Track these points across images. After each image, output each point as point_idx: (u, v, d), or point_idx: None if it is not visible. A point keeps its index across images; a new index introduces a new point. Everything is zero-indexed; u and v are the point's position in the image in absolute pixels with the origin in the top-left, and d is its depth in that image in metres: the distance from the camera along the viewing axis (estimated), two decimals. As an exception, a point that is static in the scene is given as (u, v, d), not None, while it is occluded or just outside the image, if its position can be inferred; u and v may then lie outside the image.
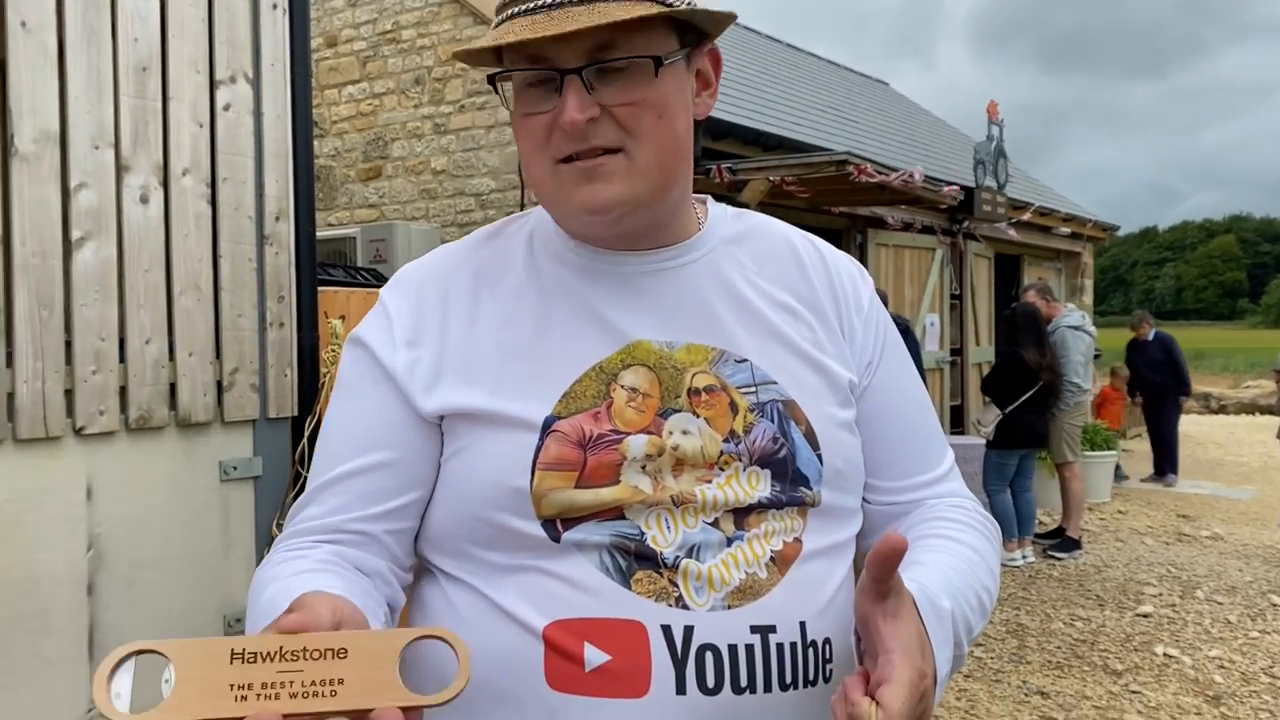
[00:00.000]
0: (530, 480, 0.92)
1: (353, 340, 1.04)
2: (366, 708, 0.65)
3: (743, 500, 0.95)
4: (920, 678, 0.80)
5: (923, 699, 0.80)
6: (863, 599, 0.83)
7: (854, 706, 0.78)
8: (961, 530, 1.05)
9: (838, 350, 1.05)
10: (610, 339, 0.98)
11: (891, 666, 0.79)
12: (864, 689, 0.80)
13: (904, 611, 0.83)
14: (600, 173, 0.92)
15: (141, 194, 3.55)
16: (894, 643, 0.80)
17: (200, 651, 0.65)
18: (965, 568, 0.99)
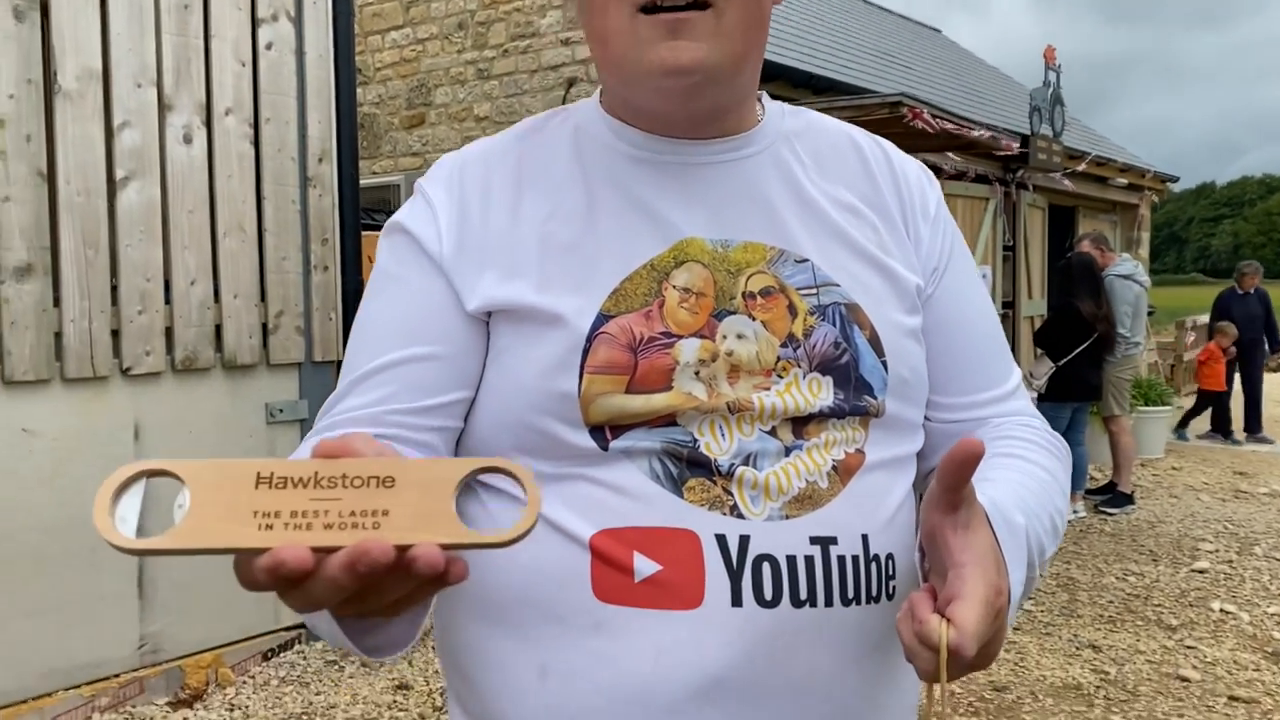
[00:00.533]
0: (578, 384, 0.86)
1: (393, 228, 0.96)
2: (415, 543, 0.53)
3: (803, 408, 0.88)
4: (996, 594, 0.73)
5: (997, 617, 0.73)
6: (931, 511, 0.75)
7: (922, 624, 0.71)
8: (1031, 449, 0.97)
9: (903, 254, 0.97)
10: (662, 235, 0.91)
11: (963, 581, 0.72)
12: (932, 605, 0.73)
13: (976, 524, 0.75)
14: (685, 28, 0.85)
15: (184, 133, 3.52)
16: (966, 555, 0.73)
17: (220, 474, 0.55)
18: (1037, 486, 0.92)
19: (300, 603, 0.57)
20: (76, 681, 3.28)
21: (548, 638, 0.87)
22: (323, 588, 0.55)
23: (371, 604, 0.58)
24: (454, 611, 0.93)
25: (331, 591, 0.55)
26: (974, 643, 0.70)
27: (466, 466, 0.57)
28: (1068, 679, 3.90)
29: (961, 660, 0.71)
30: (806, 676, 0.86)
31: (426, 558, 0.54)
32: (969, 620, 0.70)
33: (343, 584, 0.54)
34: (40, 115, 3.18)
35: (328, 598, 0.56)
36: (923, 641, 0.72)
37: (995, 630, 0.74)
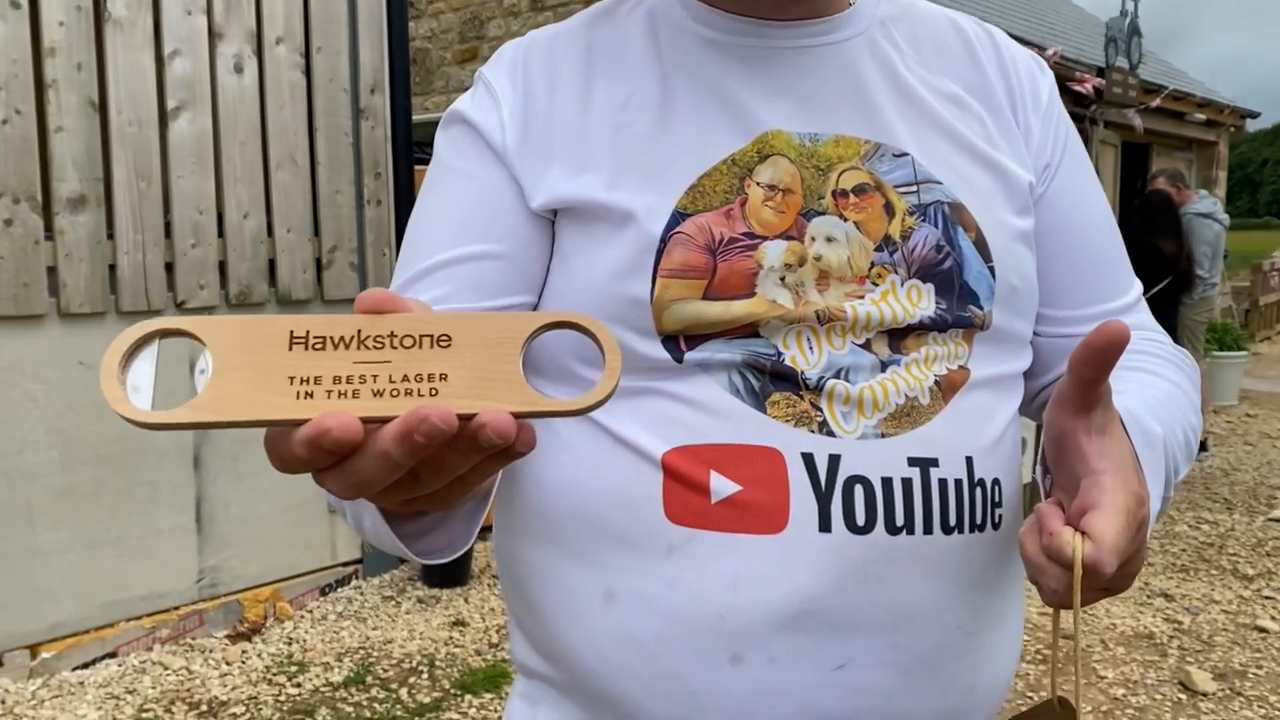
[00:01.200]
0: (651, 289, 0.77)
1: (453, 117, 0.87)
2: (479, 411, 0.45)
3: (901, 319, 0.79)
4: (1138, 504, 0.64)
5: (1139, 531, 0.64)
6: (1060, 413, 0.66)
7: (1053, 537, 0.63)
8: (1158, 363, 0.87)
9: (1013, 148, 0.87)
10: (744, 128, 0.81)
11: (1101, 489, 0.63)
12: (1063, 517, 0.64)
13: (1113, 428, 0.66)
14: None
15: (235, 62, 3.45)
16: (1104, 462, 0.64)
17: (248, 333, 0.46)
18: (1167, 400, 0.82)
19: (345, 484, 0.47)
20: (137, 613, 3.31)
21: (614, 561, 0.79)
22: (373, 464, 0.45)
23: (426, 484, 0.49)
24: (514, 534, 0.86)
25: (383, 468, 0.46)
26: (1114, 557, 0.61)
27: (533, 321, 0.49)
28: (1139, 627, 3.78)
29: (1098, 578, 0.61)
30: (901, 609, 0.77)
31: (496, 424, 0.45)
32: (1108, 531, 0.61)
33: (396, 459, 0.45)
34: (90, 44, 3.13)
35: (378, 476, 0.46)
36: (1053, 556, 0.63)
37: (1136, 547, 0.64)
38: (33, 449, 3.09)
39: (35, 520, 3.10)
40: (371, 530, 0.70)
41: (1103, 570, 0.61)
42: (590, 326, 0.49)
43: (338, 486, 0.48)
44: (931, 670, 0.80)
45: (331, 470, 0.47)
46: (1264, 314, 12.27)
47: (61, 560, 3.15)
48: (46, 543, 3.12)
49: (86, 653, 3.19)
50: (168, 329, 0.47)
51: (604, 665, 0.80)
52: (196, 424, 0.45)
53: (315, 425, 0.44)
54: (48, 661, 3.12)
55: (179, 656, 3.29)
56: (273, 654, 3.36)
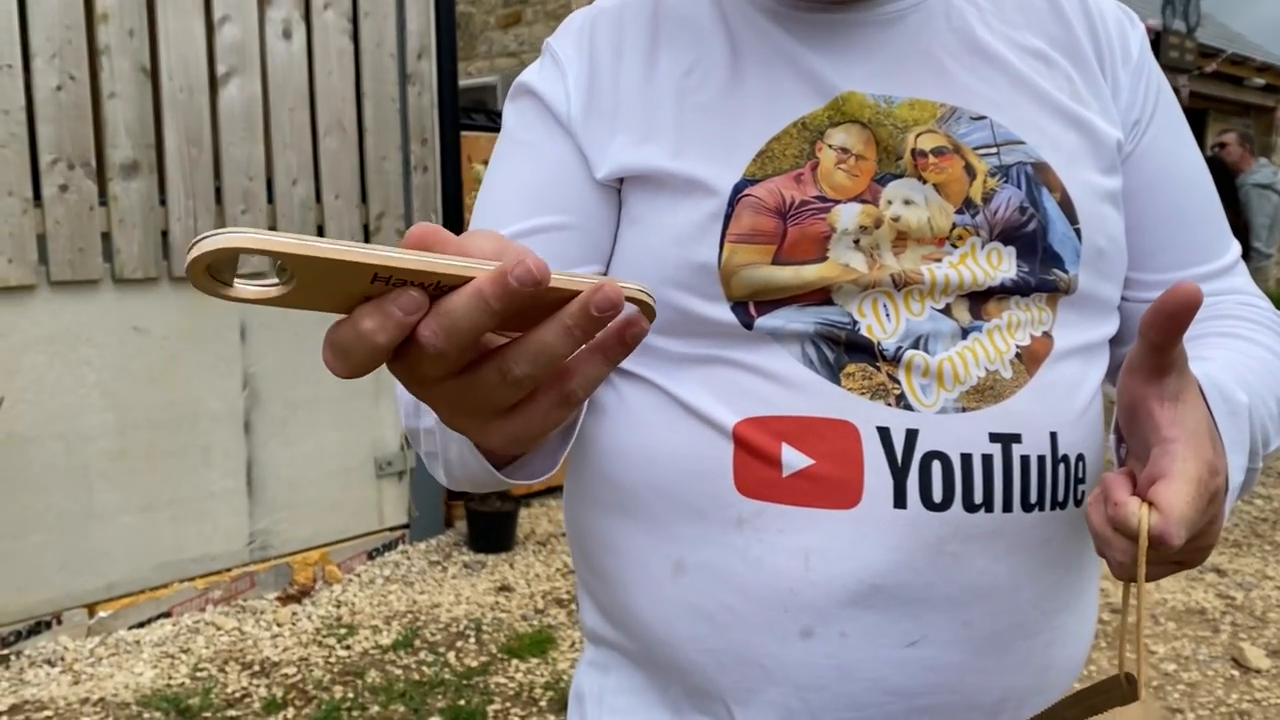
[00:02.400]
0: (719, 254, 0.76)
1: (520, 89, 0.87)
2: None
3: (982, 282, 0.77)
4: (1211, 474, 0.61)
5: (1212, 502, 0.61)
6: (1132, 379, 0.64)
7: (1119, 507, 0.60)
8: (1253, 329, 0.84)
9: (1101, 104, 0.84)
10: (815, 92, 0.79)
11: (1171, 458, 0.60)
12: (1131, 488, 0.62)
13: (1188, 394, 0.63)
14: None
15: (284, 28, 3.45)
16: (1175, 430, 0.61)
17: (331, 264, 0.41)
18: (1260, 368, 0.79)
19: (439, 337, 0.42)
20: (190, 574, 3.37)
21: (684, 532, 0.79)
22: (466, 311, 0.41)
23: (521, 376, 0.44)
24: (584, 502, 0.86)
25: (477, 314, 0.41)
26: (1182, 529, 0.58)
27: (582, 284, 0.45)
28: (1190, 603, 3.72)
29: (1166, 551, 0.59)
30: (976, 587, 0.76)
31: (605, 291, 0.42)
32: (1176, 502, 0.58)
33: (490, 301, 0.41)
34: (142, 9, 3.14)
35: (470, 328, 0.41)
36: (1118, 528, 0.60)
37: (1209, 519, 0.61)
38: (89, 412, 3.13)
39: (92, 482, 3.15)
40: (458, 458, 0.70)
41: (1170, 542, 0.58)
42: (639, 296, 0.46)
43: (424, 358, 0.43)
44: (1005, 648, 0.78)
45: (423, 330, 0.42)
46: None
47: (117, 522, 3.21)
48: (102, 504, 3.18)
49: (142, 612, 3.26)
50: (252, 248, 0.41)
51: (673, 636, 0.80)
52: (280, 301, 0.42)
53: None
54: (105, 620, 3.18)
55: (231, 617, 3.34)
56: (322, 616, 3.41)
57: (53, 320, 3.05)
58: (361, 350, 0.42)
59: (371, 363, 0.43)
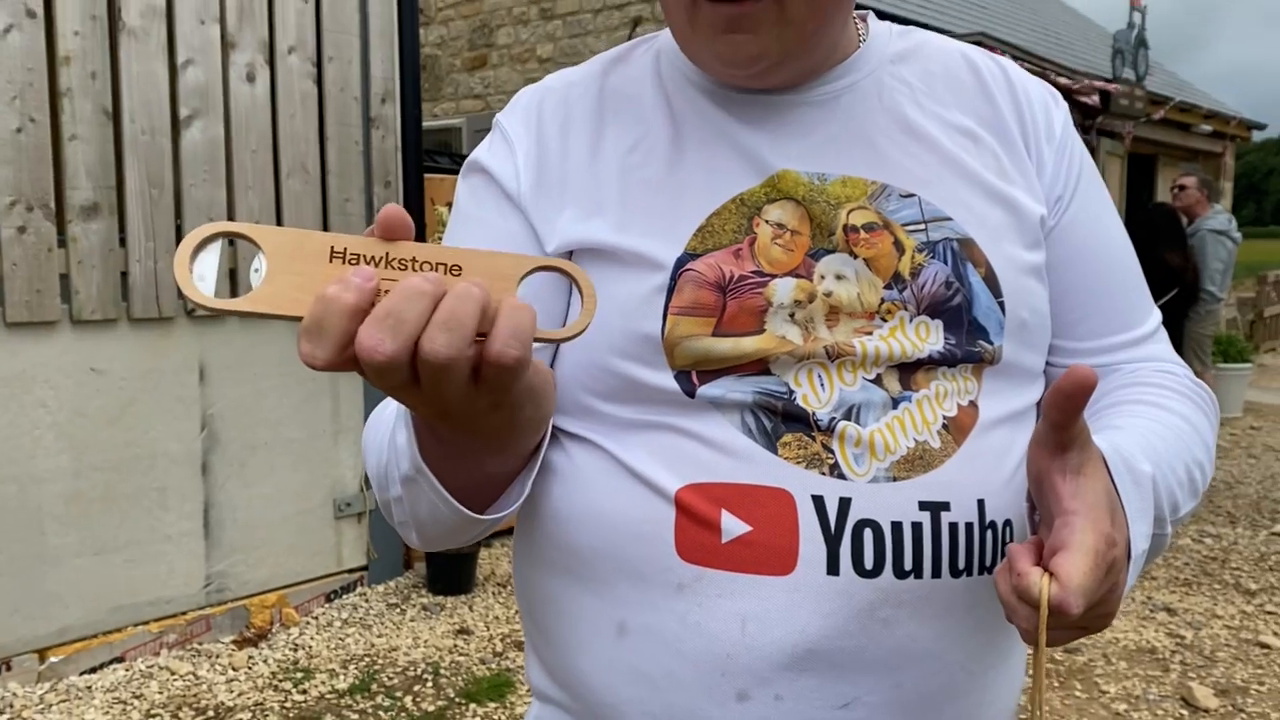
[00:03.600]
0: (662, 325, 0.79)
1: (471, 167, 0.90)
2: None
3: (910, 354, 0.80)
4: (1108, 545, 0.65)
5: (1110, 572, 0.65)
6: (1038, 453, 0.68)
7: (1021, 577, 0.64)
8: (1168, 396, 0.87)
9: (1026, 181, 0.87)
10: (753, 169, 0.83)
11: (1071, 530, 0.64)
12: (1035, 558, 0.65)
13: (1089, 469, 0.67)
14: (744, 21, 0.78)
15: (248, 72, 3.48)
16: (1075, 503, 0.65)
17: (295, 243, 0.55)
18: (1172, 436, 0.82)
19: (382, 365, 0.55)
20: (144, 618, 3.33)
21: (627, 595, 0.81)
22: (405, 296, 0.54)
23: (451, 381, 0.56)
24: (532, 562, 0.88)
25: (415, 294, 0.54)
26: (1079, 598, 0.62)
27: (527, 263, 0.61)
28: (1142, 642, 3.79)
29: (1067, 619, 0.63)
30: (906, 651, 0.79)
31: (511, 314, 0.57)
32: (1074, 573, 0.62)
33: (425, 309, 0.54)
34: (105, 52, 3.15)
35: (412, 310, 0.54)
36: (1021, 596, 0.64)
37: (1108, 588, 0.65)
38: (43, 454, 3.11)
39: (45, 525, 3.12)
40: (429, 512, 0.75)
41: (1069, 611, 0.62)
42: (573, 272, 0.62)
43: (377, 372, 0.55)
44: (936, 709, 0.81)
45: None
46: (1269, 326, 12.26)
47: (70, 565, 3.17)
48: (56, 547, 3.14)
49: (94, 657, 3.21)
50: (231, 231, 0.56)
51: (616, 698, 0.82)
52: (251, 312, 0.54)
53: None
54: (56, 666, 3.14)
55: (185, 662, 3.31)
56: (279, 660, 3.38)
57: (8, 361, 3.03)
58: (332, 318, 0.53)
59: (343, 336, 0.53)
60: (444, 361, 0.54)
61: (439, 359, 0.54)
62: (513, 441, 0.72)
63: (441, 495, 0.72)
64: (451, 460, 0.72)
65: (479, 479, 0.75)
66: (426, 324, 0.54)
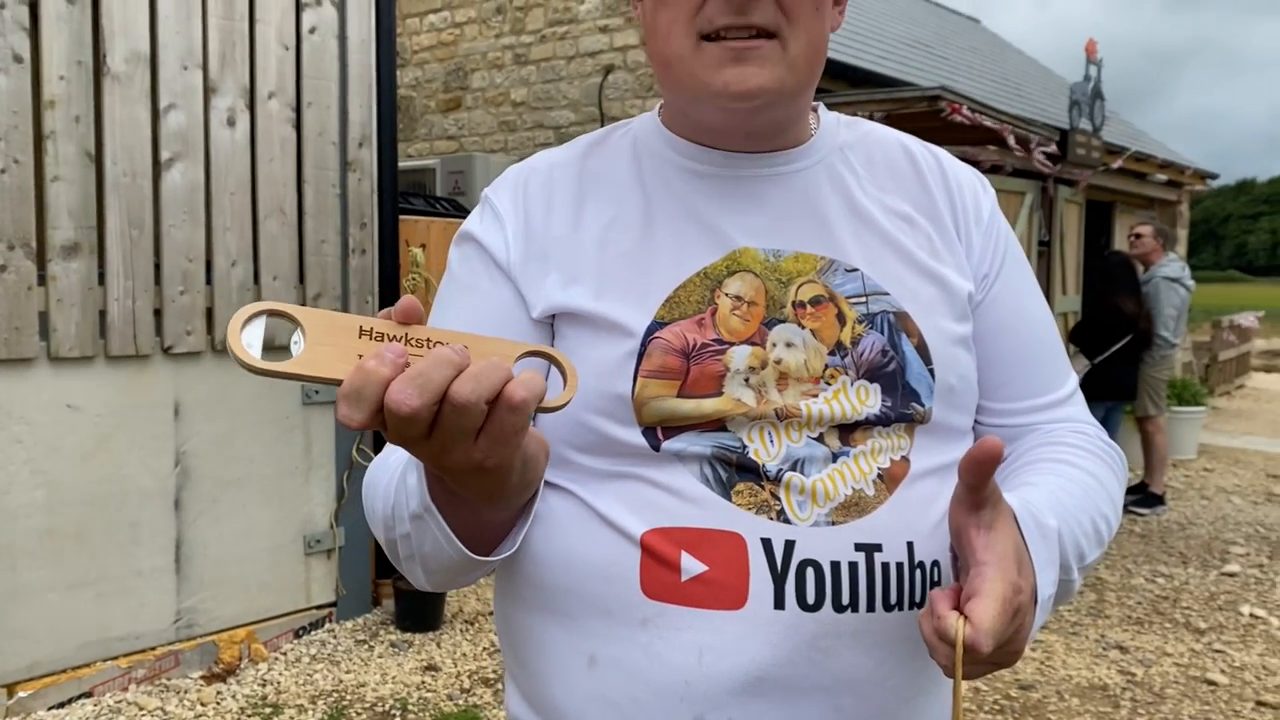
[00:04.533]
0: (633, 387, 0.89)
1: (463, 237, 1.00)
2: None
3: (849, 415, 0.90)
4: (1014, 592, 0.74)
5: (1016, 615, 0.74)
6: (957, 510, 0.78)
7: (940, 620, 0.74)
8: (1079, 455, 0.97)
9: (955, 260, 0.98)
10: (715, 245, 0.93)
11: (983, 579, 0.74)
12: (953, 603, 0.75)
13: (1000, 524, 0.78)
14: (753, 55, 0.88)
15: (229, 116, 3.57)
16: (987, 555, 0.75)
17: (329, 321, 0.65)
18: (1079, 491, 0.93)
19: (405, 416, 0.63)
20: (114, 653, 3.35)
21: (597, 629, 0.90)
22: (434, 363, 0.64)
23: (458, 427, 0.65)
24: (511, 599, 0.98)
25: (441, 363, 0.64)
26: (989, 639, 0.72)
27: (521, 348, 0.72)
28: (1094, 679, 3.89)
29: (979, 655, 0.73)
30: (846, 677, 0.88)
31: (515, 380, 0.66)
32: (985, 617, 0.72)
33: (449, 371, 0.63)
34: (89, 97, 3.23)
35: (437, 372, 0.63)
36: (940, 636, 0.74)
37: (1015, 629, 0.75)
38: (18, 490, 3.14)
39: (17, 560, 3.15)
40: (433, 549, 0.83)
41: (980, 649, 0.72)
42: (558, 358, 0.73)
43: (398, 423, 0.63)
44: None
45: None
46: (1223, 370, 12.55)
47: (41, 600, 3.19)
48: (27, 582, 3.17)
49: (63, 692, 3.23)
50: (275, 310, 0.65)
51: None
52: (295, 375, 0.63)
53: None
54: (24, 700, 3.15)
55: (154, 697, 3.33)
56: (247, 695, 3.40)
57: (-15, 398, 3.07)
58: (371, 386, 0.62)
59: (379, 402, 0.63)
60: (466, 403, 0.63)
61: (463, 400, 0.63)
62: (503, 500, 0.79)
63: (446, 533, 0.80)
64: (454, 505, 0.80)
65: (477, 525, 0.83)
66: (449, 385, 0.63)
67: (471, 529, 0.83)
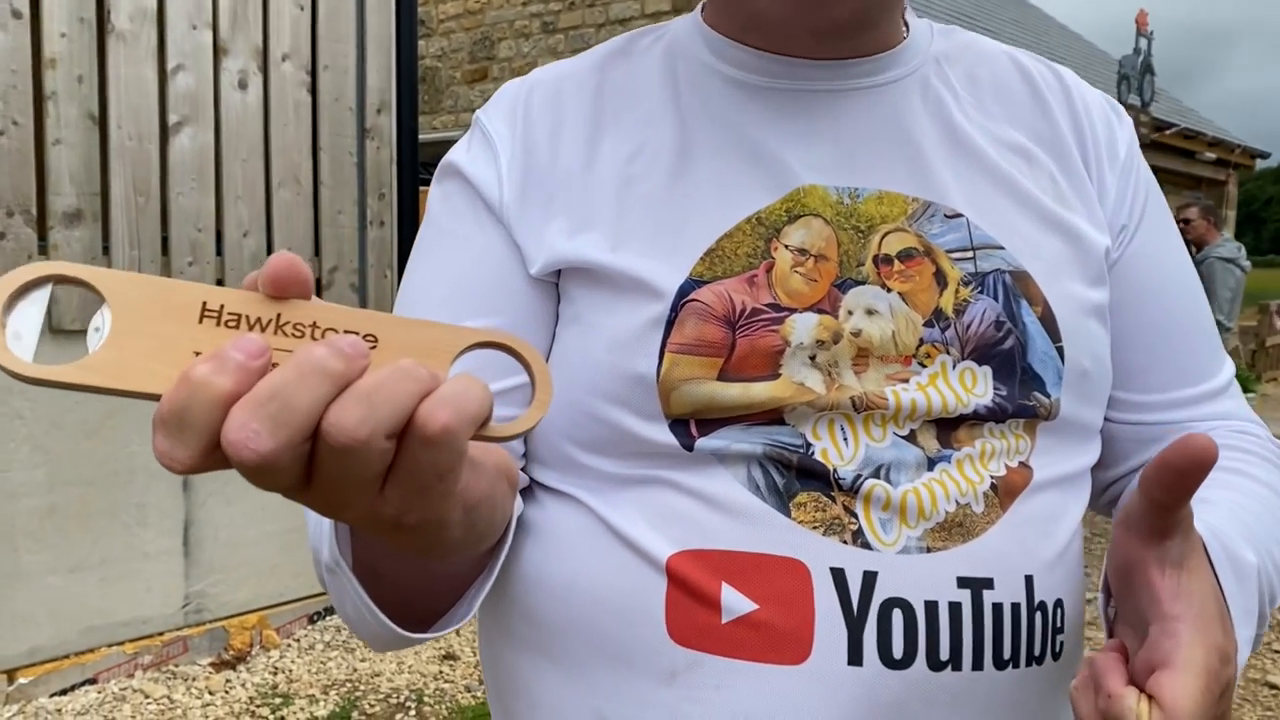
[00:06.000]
0: (658, 365, 0.67)
1: (446, 170, 0.78)
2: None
3: (953, 408, 0.68)
4: (1221, 662, 0.54)
5: (1224, 696, 0.54)
6: (1129, 538, 0.56)
7: (1114, 701, 0.52)
8: (1253, 463, 0.76)
9: (1087, 208, 0.76)
10: (772, 182, 0.71)
11: (1176, 643, 0.53)
12: (1125, 673, 0.54)
13: (1193, 561, 0.56)
14: None
15: (240, 79, 3.40)
16: (1179, 606, 0.54)
17: (154, 296, 0.42)
18: (1264, 512, 0.71)
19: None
20: (119, 639, 3.23)
21: (607, 682, 0.69)
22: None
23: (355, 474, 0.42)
24: (500, 634, 0.77)
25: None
26: None
27: (465, 338, 0.46)
28: (1147, 681, 3.69)
29: None
30: None
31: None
32: (1183, 699, 0.51)
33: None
34: (92, 56, 3.07)
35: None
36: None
37: (1219, 714, 0.54)
38: (18, 468, 3.01)
39: (17, 541, 3.02)
40: (355, 614, 0.63)
41: None
42: (521, 351, 0.47)
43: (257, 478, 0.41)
44: None
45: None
46: (1270, 355, 12.18)
47: (43, 583, 3.07)
48: (28, 564, 3.04)
49: (65, 678, 3.10)
50: (65, 275, 0.42)
51: None
52: (81, 385, 0.41)
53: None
54: (25, 687, 3.03)
55: (160, 684, 3.20)
56: (257, 684, 3.27)
57: (-17, 371, 2.93)
58: (200, 407, 0.39)
59: (211, 435, 0.39)
60: (350, 442, 0.39)
61: (346, 437, 0.39)
62: (446, 557, 0.56)
63: (363, 600, 0.61)
64: (382, 554, 0.62)
65: (420, 578, 0.64)
66: (324, 410, 0.39)
67: (410, 584, 0.63)
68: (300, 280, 0.43)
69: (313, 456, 0.41)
